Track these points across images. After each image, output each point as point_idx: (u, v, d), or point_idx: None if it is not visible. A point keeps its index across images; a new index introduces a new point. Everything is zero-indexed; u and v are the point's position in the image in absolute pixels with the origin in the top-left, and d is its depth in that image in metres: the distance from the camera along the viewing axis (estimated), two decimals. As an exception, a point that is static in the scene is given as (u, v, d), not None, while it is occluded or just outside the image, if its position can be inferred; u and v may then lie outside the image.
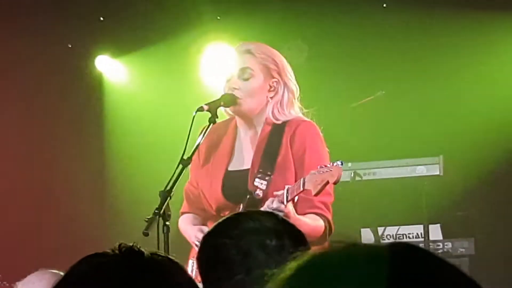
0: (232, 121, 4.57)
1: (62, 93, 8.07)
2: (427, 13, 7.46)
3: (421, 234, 7.02)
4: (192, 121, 4.30)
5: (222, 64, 7.49)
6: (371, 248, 1.23)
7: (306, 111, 4.48)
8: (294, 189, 4.08)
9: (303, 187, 4.04)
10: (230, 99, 4.42)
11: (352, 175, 6.99)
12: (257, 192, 4.29)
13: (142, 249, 1.77)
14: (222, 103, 4.42)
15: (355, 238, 7.00)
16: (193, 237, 4.33)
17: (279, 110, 4.42)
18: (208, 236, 2.65)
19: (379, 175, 7.00)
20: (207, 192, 4.45)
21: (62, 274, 1.82)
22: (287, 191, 4.09)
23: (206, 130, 4.37)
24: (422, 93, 7.46)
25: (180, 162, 4.24)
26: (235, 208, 4.25)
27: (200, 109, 4.35)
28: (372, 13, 7.58)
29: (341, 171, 3.99)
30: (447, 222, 7.14)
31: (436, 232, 7.05)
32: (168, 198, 4.13)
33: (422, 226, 7.01)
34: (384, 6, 7.63)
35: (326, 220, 4.28)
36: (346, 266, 1.19)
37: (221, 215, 4.14)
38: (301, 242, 2.58)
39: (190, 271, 4.17)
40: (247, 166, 4.41)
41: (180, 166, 4.24)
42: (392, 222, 7.14)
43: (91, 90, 8.29)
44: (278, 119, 4.41)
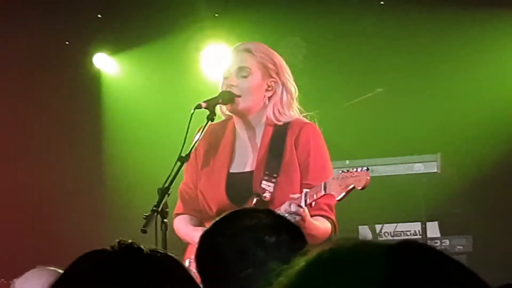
0: (229, 121, 4.55)
1: (59, 90, 8.05)
2: (425, 10, 7.45)
3: (418, 231, 7.02)
4: (190, 118, 4.29)
5: (220, 61, 7.53)
6: (380, 246, 1.23)
7: (305, 114, 4.47)
8: (314, 193, 4.09)
9: (324, 191, 4.03)
10: (228, 97, 4.41)
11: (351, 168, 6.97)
12: (265, 194, 4.29)
13: (142, 246, 1.77)
14: (220, 100, 4.42)
15: (353, 235, 7.00)
16: (196, 238, 4.27)
17: (279, 111, 4.41)
18: (205, 235, 2.64)
19: (376, 173, 6.98)
20: (209, 194, 4.44)
21: (60, 271, 1.82)
22: (305, 195, 4.09)
23: (204, 127, 4.37)
24: (420, 90, 7.46)
25: (178, 159, 4.24)
26: None
27: (198, 106, 4.35)
28: (369, 10, 7.57)
29: (368, 176, 3.97)
30: (445, 220, 7.14)
31: (433, 230, 7.05)
32: (166, 196, 4.12)
33: (419, 224, 7.01)
34: (381, 3, 7.63)
35: (332, 222, 4.31)
36: (355, 263, 1.20)
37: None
38: (299, 238, 2.58)
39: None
40: (250, 168, 4.41)
41: (178, 164, 4.23)
42: (389, 220, 7.14)
43: (89, 87, 8.27)
44: (279, 120, 4.41)
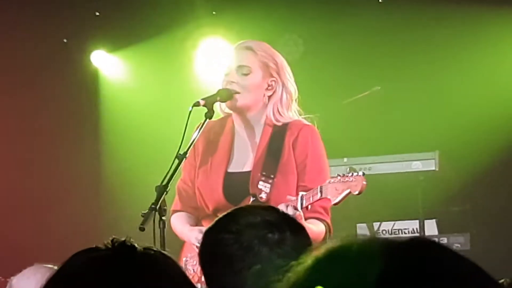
0: (228, 119, 4.55)
1: (57, 88, 8.04)
2: (423, 8, 7.44)
3: (416, 229, 7.02)
4: (189, 116, 4.29)
5: (217, 59, 7.52)
6: (389, 242, 1.25)
7: (305, 116, 4.47)
8: (310, 196, 4.09)
9: (321, 194, 4.03)
10: (226, 94, 4.41)
11: (348, 170, 6.96)
12: (261, 195, 4.29)
13: (135, 243, 1.77)
14: (219, 98, 4.41)
15: (351, 233, 6.99)
16: (193, 238, 4.30)
17: (279, 111, 4.41)
18: (208, 232, 2.63)
19: (374, 170, 6.98)
20: (206, 192, 4.44)
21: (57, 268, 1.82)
22: (301, 198, 4.09)
23: (202, 125, 4.36)
24: (418, 88, 7.46)
25: (176, 157, 4.24)
26: None
27: (196, 104, 4.34)
28: (367, 8, 7.56)
29: (364, 181, 3.98)
30: (443, 218, 7.14)
31: (431, 228, 7.05)
32: (164, 193, 4.12)
33: (417, 222, 7.00)
34: (380, 1, 7.62)
35: (327, 225, 4.31)
36: (365, 259, 1.21)
37: (218, 215, 4.13)
38: (302, 235, 2.58)
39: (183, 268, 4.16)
40: (247, 168, 4.41)
41: (176, 161, 4.23)
42: (387, 218, 7.13)
43: (87, 85, 8.26)
44: (278, 121, 4.41)
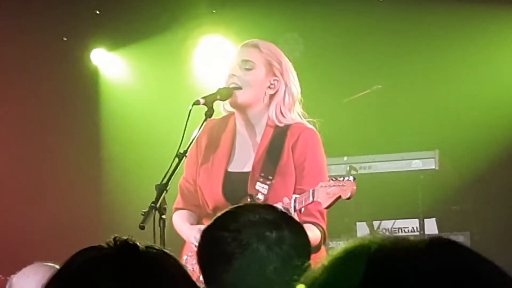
0: (231, 118, 4.54)
1: (57, 86, 8.04)
2: (423, 6, 7.44)
3: (416, 228, 7.02)
4: (189, 114, 4.28)
5: (217, 57, 7.52)
6: (409, 243, 1.29)
7: (309, 120, 4.46)
8: (303, 199, 4.09)
9: (312, 198, 4.03)
10: (226, 93, 4.41)
11: (348, 169, 6.98)
12: (258, 196, 4.29)
13: (137, 242, 1.77)
14: (219, 96, 4.41)
15: (350, 233, 7.00)
16: (192, 237, 4.31)
17: (282, 112, 4.40)
18: (207, 230, 2.63)
19: (374, 169, 6.99)
20: (206, 191, 4.44)
21: (58, 267, 1.82)
22: (294, 200, 4.09)
23: (203, 124, 4.36)
24: (419, 87, 7.46)
25: (176, 155, 4.23)
26: None
27: (196, 102, 4.34)
28: (368, 6, 7.56)
29: (354, 186, 3.99)
30: (443, 216, 7.14)
31: (431, 226, 7.05)
32: (165, 192, 4.12)
33: (417, 220, 7.01)
34: (380, 0, 7.62)
35: (322, 230, 4.29)
36: (384, 260, 1.27)
37: (217, 214, 4.13)
38: (301, 234, 2.58)
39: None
40: (247, 169, 4.41)
41: (176, 160, 4.23)
42: (387, 216, 7.14)
43: (87, 83, 8.26)
44: (280, 122, 4.40)
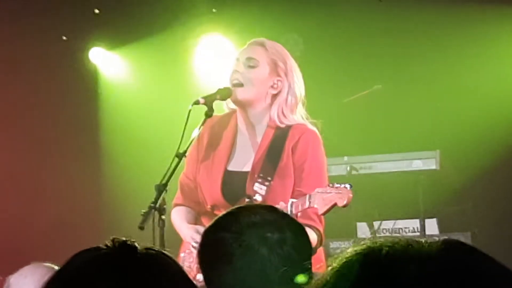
0: (233, 116, 4.54)
1: (56, 85, 8.03)
2: (423, 7, 7.43)
3: (417, 228, 7.01)
4: (188, 114, 4.28)
5: (217, 57, 7.51)
6: (421, 245, 1.28)
7: (311, 121, 4.44)
8: (299, 204, 4.09)
9: (309, 203, 4.02)
10: (226, 93, 4.41)
11: (348, 169, 6.97)
12: (255, 197, 4.28)
13: (136, 243, 1.75)
14: (218, 96, 4.41)
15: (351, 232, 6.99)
16: (188, 237, 4.32)
17: (284, 113, 4.39)
18: (208, 231, 2.62)
19: (375, 169, 6.98)
20: (205, 188, 4.44)
21: (56, 267, 1.80)
22: (291, 205, 4.07)
23: (202, 124, 4.35)
24: (419, 87, 7.45)
25: (176, 155, 4.22)
26: None
27: (196, 102, 4.34)
28: (368, 6, 7.55)
29: (350, 194, 4.00)
30: (444, 217, 7.12)
31: (432, 227, 7.04)
32: (164, 192, 4.11)
33: (418, 221, 6.99)
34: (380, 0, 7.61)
35: (319, 233, 4.28)
36: (397, 263, 1.25)
37: (215, 212, 4.13)
38: (302, 235, 2.57)
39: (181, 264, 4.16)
40: (247, 169, 4.40)
41: (176, 160, 4.22)
42: (388, 216, 7.12)
43: (86, 83, 8.26)
44: (282, 122, 4.39)
